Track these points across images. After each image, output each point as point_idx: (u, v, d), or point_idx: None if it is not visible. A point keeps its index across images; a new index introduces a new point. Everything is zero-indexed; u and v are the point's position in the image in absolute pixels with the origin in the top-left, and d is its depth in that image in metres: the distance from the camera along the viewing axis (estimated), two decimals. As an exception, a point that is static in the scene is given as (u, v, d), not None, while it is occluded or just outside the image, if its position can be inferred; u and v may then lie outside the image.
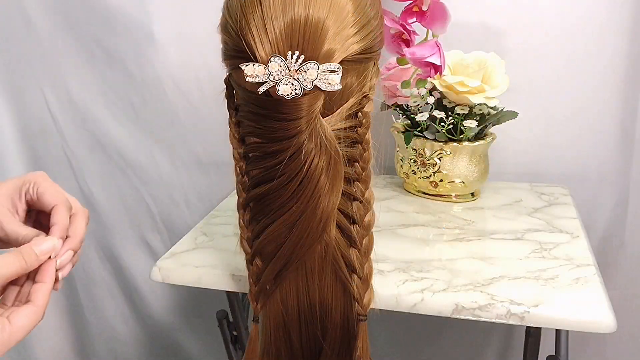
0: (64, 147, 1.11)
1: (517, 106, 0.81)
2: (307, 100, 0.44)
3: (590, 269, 0.62)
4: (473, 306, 0.56)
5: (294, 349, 0.54)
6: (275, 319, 0.53)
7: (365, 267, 0.51)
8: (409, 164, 0.84)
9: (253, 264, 0.52)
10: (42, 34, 1.01)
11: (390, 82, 0.83)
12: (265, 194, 0.48)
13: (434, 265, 0.64)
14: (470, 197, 0.85)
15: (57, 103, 1.07)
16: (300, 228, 0.47)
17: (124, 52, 0.99)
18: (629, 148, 0.91)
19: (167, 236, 1.16)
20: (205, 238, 0.76)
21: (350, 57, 0.45)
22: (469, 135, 0.79)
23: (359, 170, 0.50)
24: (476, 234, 0.72)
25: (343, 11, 0.44)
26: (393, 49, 0.73)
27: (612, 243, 0.97)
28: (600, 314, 0.53)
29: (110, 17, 0.96)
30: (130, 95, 1.03)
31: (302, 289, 0.51)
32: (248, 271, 0.53)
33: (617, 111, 0.89)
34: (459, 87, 0.76)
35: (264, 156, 0.47)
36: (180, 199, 1.12)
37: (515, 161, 0.95)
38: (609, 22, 0.84)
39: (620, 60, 0.86)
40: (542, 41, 0.87)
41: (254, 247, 0.52)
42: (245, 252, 0.53)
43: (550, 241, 0.69)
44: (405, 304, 0.58)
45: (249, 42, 0.43)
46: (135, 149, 1.08)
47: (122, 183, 1.12)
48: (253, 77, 0.43)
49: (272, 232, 0.49)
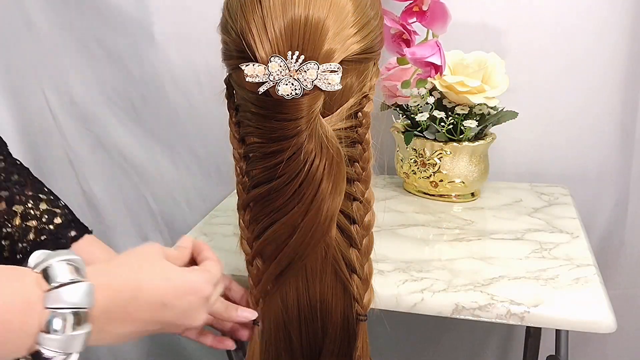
0: (65, 146, 1.11)
1: (517, 106, 0.81)
2: (307, 100, 0.44)
3: (590, 269, 0.62)
4: (473, 306, 0.56)
5: (294, 349, 0.54)
6: (275, 319, 0.53)
7: (365, 267, 0.51)
8: (409, 164, 0.84)
9: (253, 265, 0.52)
10: (42, 33, 1.01)
11: (390, 82, 0.83)
12: (265, 195, 0.48)
13: (434, 265, 0.64)
14: (470, 197, 0.85)
15: (58, 103, 1.07)
16: (304, 229, 0.47)
17: (124, 51, 0.99)
18: (629, 148, 0.91)
19: (168, 235, 1.16)
20: (205, 238, 0.76)
21: (351, 57, 0.45)
22: (469, 135, 0.79)
23: (359, 170, 0.50)
24: (476, 234, 0.72)
25: (343, 11, 0.44)
26: (393, 49, 0.73)
27: (612, 243, 0.97)
28: (600, 314, 0.53)
29: (110, 17, 0.96)
30: (130, 95, 1.03)
31: (302, 289, 0.51)
32: (248, 272, 0.53)
33: (617, 111, 0.89)
34: (459, 87, 0.76)
35: (264, 156, 0.47)
36: (181, 198, 1.12)
37: (515, 161, 0.95)
38: (609, 22, 0.84)
39: (620, 60, 0.86)
40: (542, 41, 0.87)
41: (254, 248, 0.52)
42: (245, 253, 0.53)
43: (550, 241, 0.69)
44: (405, 304, 0.58)
45: (249, 42, 0.43)
46: (136, 149, 1.08)
47: (123, 182, 1.12)
48: (253, 77, 0.43)
49: (273, 233, 0.49)
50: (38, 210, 0.52)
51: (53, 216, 0.52)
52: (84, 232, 0.53)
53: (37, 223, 0.51)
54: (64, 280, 0.36)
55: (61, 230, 0.52)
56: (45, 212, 0.52)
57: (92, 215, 1.15)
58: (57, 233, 0.52)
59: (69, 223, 0.53)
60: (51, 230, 0.52)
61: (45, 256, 0.37)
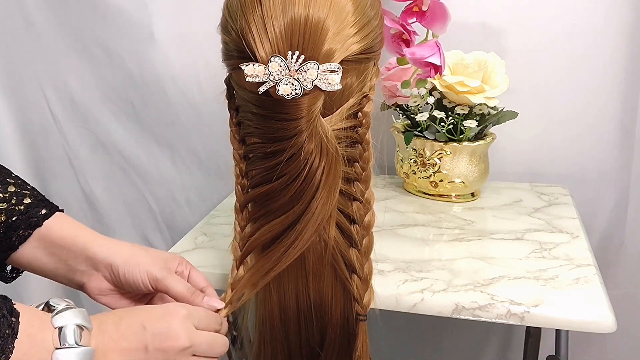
0: (65, 146, 1.11)
1: (517, 106, 0.81)
2: (307, 100, 0.44)
3: (590, 269, 0.62)
4: (473, 306, 0.56)
5: (292, 349, 0.54)
6: (271, 320, 0.53)
7: (365, 267, 0.51)
8: (409, 164, 0.84)
9: (239, 269, 0.52)
10: (42, 33, 1.01)
11: (390, 82, 0.83)
12: (265, 195, 0.48)
13: (434, 265, 0.64)
14: (470, 197, 0.85)
15: (58, 102, 1.07)
16: (300, 229, 0.47)
17: (124, 51, 0.99)
18: (629, 148, 0.91)
19: (168, 235, 1.16)
20: (205, 238, 0.76)
21: (351, 57, 0.45)
22: (469, 135, 0.79)
23: (359, 170, 0.50)
24: (476, 234, 0.72)
25: (343, 11, 0.44)
26: (393, 49, 0.73)
27: (612, 243, 0.97)
28: (600, 314, 0.53)
29: (110, 17, 0.96)
30: (130, 95, 1.03)
31: (301, 289, 0.51)
32: (231, 275, 0.53)
33: (617, 111, 0.89)
34: (459, 87, 0.76)
35: (265, 156, 0.47)
36: (181, 198, 1.12)
37: (515, 161, 0.95)
38: (609, 22, 0.84)
39: (619, 60, 0.86)
40: (542, 41, 0.87)
41: (244, 249, 0.52)
42: (234, 256, 0.53)
43: (550, 241, 0.69)
44: (405, 304, 0.58)
45: (249, 42, 0.43)
46: (136, 149, 1.08)
47: (123, 182, 1.12)
48: (253, 77, 0.43)
49: (267, 230, 0.49)
50: (7, 193, 0.53)
51: (22, 197, 0.53)
52: (54, 210, 0.54)
53: (7, 205, 0.52)
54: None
55: (31, 209, 0.52)
56: (14, 194, 0.53)
57: (92, 215, 1.15)
58: (28, 212, 0.52)
59: (39, 202, 0.53)
60: (21, 210, 0.52)
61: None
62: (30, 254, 0.53)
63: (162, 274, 0.51)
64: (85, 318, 0.41)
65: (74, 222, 0.54)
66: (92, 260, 0.52)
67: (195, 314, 0.46)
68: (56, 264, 0.53)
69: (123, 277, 0.52)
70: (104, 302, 0.54)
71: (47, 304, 0.42)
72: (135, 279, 0.51)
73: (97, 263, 0.52)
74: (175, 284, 0.51)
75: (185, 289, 0.51)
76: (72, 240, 0.52)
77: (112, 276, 0.52)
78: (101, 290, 0.53)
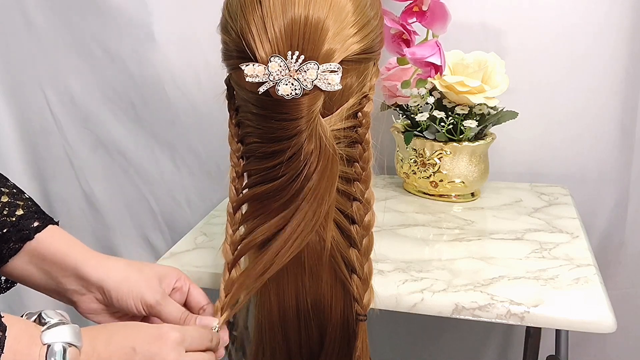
0: (65, 146, 1.11)
1: (517, 106, 0.81)
2: (307, 101, 0.44)
3: (590, 269, 0.62)
4: (473, 306, 0.56)
5: (292, 349, 0.53)
6: (270, 320, 0.53)
7: (365, 267, 0.50)
8: (409, 164, 0.84)
9: (231, 272, 0.52)
10: (42, 33, 1.01)
11: (390, 82, 0.83)
12: (262, 195, 0.48)
13: (434, 265, 0.64)
14: (470, 197, 0.85)
15: (58, 102, 1.07)
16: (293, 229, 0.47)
17: (124, 51, 0.99)
18: (629, 148, 0.91)
19: (169, 235, 1.16)
20: (205, 238, 0.76)
21: (350, 57, 0.45)
22: (469, 135, 0.79)
23: (359, 170, 0.50)
24: (476, 234, 0.72)
25: (343, 11, 0.44)
26: (393, 49, 0.73)
27: (612, 243, 0.97)
28: (600, 314, 0.53)
29: (110, 17, 0.96)
30: (130, 95, 1.03)
31: (301, 289, 0.51)
32: (222, 279, 0.52)
33: (616, 111, 0.89)
34: (459, 87, 0.76)
35: (264, 157, 0.47)
36: (182, 198, 1.12)
37: (515, 161, 0.95)
38: (609, 22, 0.84)
39: (620, 60, 0.86)
40: (542, 41, 0.87)
41: (237, 251, 0.51)
42: (226, 258, 0.52)
43: (550, 241, 0.69)
44: (405, 304, 0.58)
45: (249, 42, 0.43)
46: (136, 149, 1.08)
47: (123, 182, 1.12)
48: (253, 77, 0.43)
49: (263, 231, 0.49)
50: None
51: (15, 208, 0.52)
52: (47, 223, 0.52)
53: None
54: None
55: (23, 221, 0.51)
56: (6, 204, 0.52)
57: (92, 215, 1.15)
58: (19, 225, 0.51)
59: (32, 214, 0.52)
60: (13, 222, 0.51)
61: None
62: (22, 268, 0.52)
63: (156, 298, 0.50)
64: (76, 335, 0.40)
65: (67, 236, 0.53)
66: (84, 281, 0.51)
67: (187, 336, 0.45)
68: (47, 279, 0.52)
69: (116, 301, 0.51)
70: (95, 321, 0.53)
71: (40, 315, 0.41)
72: (128, 304, 0.50)
73: (89, 285, 0.51)
74: (169, 311, 0.51)
75: (178, 315, 0.51)
76: (63, 257, 0.51)
77: (104, 298, 0.51)
78: (93, 310, 0.52)
